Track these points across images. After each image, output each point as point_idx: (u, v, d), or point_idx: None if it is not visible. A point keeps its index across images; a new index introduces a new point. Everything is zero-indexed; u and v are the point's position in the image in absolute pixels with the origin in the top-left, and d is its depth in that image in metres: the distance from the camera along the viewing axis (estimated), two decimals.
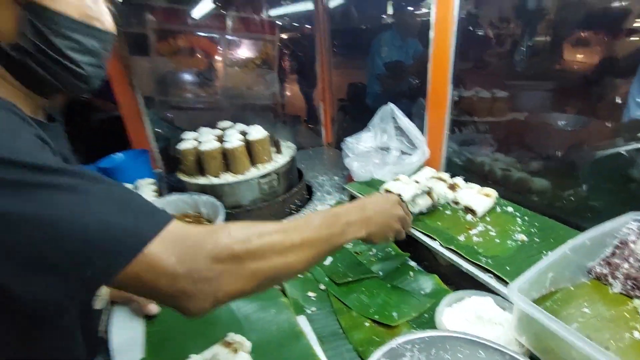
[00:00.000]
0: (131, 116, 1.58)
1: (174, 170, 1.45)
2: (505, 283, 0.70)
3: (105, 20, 0.54)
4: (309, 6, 2.50)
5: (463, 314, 0.68)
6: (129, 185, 1.33)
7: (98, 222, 0.38)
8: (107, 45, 0.55)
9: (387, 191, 1.12)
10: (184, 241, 0.43)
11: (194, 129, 1.42)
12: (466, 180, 1.09)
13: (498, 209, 0.97)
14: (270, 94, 3.36)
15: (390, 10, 3.76)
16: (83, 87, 0.55)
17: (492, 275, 0.73)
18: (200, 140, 1.22)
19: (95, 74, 0.54)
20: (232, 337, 0.70)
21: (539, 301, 0.62)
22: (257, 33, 3.29)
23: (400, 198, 0.79)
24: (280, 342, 0.72)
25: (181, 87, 3.14)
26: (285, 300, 0.82)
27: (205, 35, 3.31)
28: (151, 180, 1.39)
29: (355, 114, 3.55)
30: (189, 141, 1.22)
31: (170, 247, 0.41)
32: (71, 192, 0.38)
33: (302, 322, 0.77)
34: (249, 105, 3.16)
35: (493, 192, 0.97)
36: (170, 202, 1.10)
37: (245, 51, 3.84)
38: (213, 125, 1.45)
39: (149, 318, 0.78)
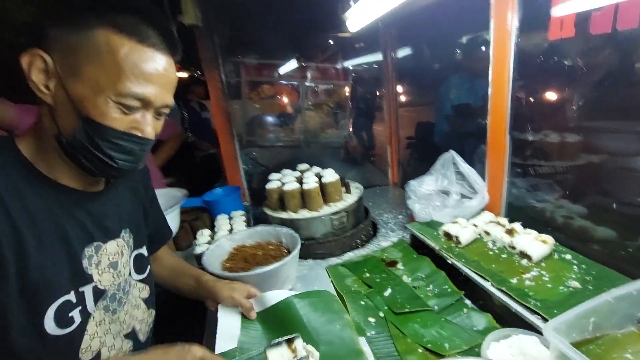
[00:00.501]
0: (228, 156, 1.93)
1: (258, 204, 1.73)
2: None
3: (146, 129, 0.66)
4: (378, 57, 2.74)
5: (508, 349, 0.75)
6: (223, 216, 1.63)
7: None
8: (144, 147, 0.68)
9: (446, 232, 1.22)
10: None
11: (274, 166, 1.70)
12: (525, 225, 1.14)
13: (555, 256, 1.01)
14: (342, 135, 3.64)
15: (459, 53, 3.85)
16: (114, 174, 0.70)
17: (539, 317, 0.79)
18: (283, 181, 1.48)
19: (127, 166, 0.68)
20: (304, 345, 0.87)
21: (580, 344, 0.67)
22: (332, 79, 3.66)
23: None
24: (343, 357, 0.86)
25: (264, 128, 3.59)
26: (349, 318, 0.97)
27: (287, 83, 3.79)
28: (242, 212, 1.68)
29: (423, 152, 3.62)
30: (274, 182, 1.49)
31: None
32: None
33: (362, 342, 0.91)
34: (323, 145, 3.46)
35: (550, 239, 1.01)
36: (258, 232, 1.34)
37: (320, 96, 4.25)
38: (292, 164, 1.71)
39: (245, 321, 0.99)
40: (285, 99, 3.79)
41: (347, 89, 3.69)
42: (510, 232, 1.10)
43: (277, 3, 2.14)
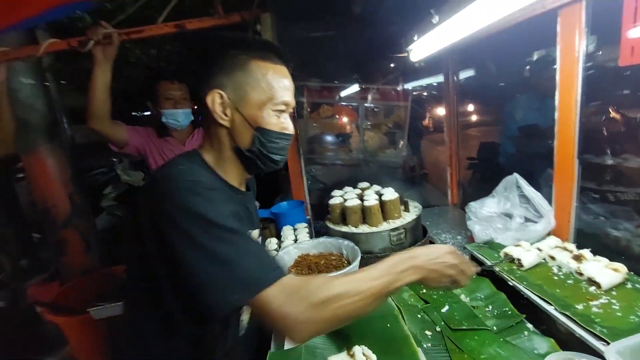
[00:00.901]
0: (294, 172, 2.10)
1: (318, 218, 1.85)
2: None
3: (290, 127, 0.90)
4: (439, 79, 2.76)
5: None
6: (288, 227, 1.78)
7: (243, 267, 0.70)
8: (289, 142, 0.91)
9: (506, 254, 1.21)
10: (291, 289, 0.70)
11: (332, 184, 1.81)
12: (595, 253, 1.09)
13: (629, 285, 0.96)
14: (400, 155, 3.67)
15: (528, 71, 3.70)
16: (274, 167, 0.92)
17: (605, 344, 0.78)
18: (345, 197, 1.59)
19: (282, 160, 0.92)
20: (363, 350, 0.94)
21: None
22: (392, 101, 3.74)
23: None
24: None
25: (324, 147, 3.76)
26: (408, 332, 1.02)
27: (347, 104, 3.95)
28: (305, 224, 1.82)
29: (486, 173, 3.49)
30: (337, 197, 1.60)
31: (282, 292, 0.69)
32: (233, 244, 0.71)
33: (419, 353, 0.96)
34: (381, 164, 3.53)
35: (623, 268, 0.97)
36: (321, 243, 1.46)
37: (379, 116, 4.36)
38: (350, 182, 1.82)
39: None
40: (344, 119, 3.95)
41: (406, 108, 3.73)
42: (577, 258, 1.08)
43: (343, 34, 2.31)
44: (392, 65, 3.54)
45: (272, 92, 0.84)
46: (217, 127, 0.86)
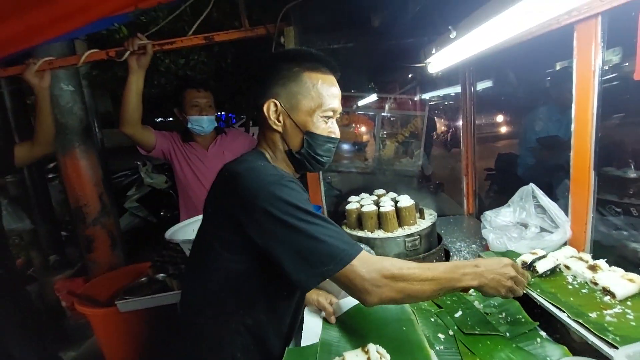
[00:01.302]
0: (313, 177, 2.16)
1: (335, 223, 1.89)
2: None
3: (336, 131, 1.00)
4: (457, 89, 2.78)
5: None
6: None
7: (331, 243, 0.80)
8: (335, 145, 1.01)
9: (523, 262, 1.23)
10: (369, 262, 0.81)
11: (348, 191, 1.85)
12: (610, 264, 1.10)
13: None
14: (416, 164, 3.68)
15: (549, 82, 3.67)
16: (321, 168, 1.03)
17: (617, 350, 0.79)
18: (362, 203, 1.63)
19: (328, 162, 1.02)
20: (377, 348, 0.98)
21: None
22: (408, 110, 3.77)
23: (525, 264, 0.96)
24: None
25: (339, 154, 3.82)
26: (422, 335, 1.05)
27: (363, 113, 4.01)
28: None
29: (504, 184, 3.46)
30: (354, 203, 1.65)
31: (363, 264, 0.80)
32: (320, 225, 0.81)
33: (432, 354, 0.99)
34: (397, 173, 3.55)
35: (638, 278, 0.98)
36: None
37: (396, 125, 4.38)
38: (365, 190, 1.86)
39: (326, 322, 1.15)
40: (361, 128, 4.01)
41: (422, 118, 3.75)
42: (593, 268, 1.09)
43: (362, 45, 2.37)
44: (409, 75, 3.58)
45: (320, 100, 0.94)
46: (272, 131, 0.97)
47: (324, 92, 0.94)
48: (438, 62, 1.53)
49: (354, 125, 3.99)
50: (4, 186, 3.05)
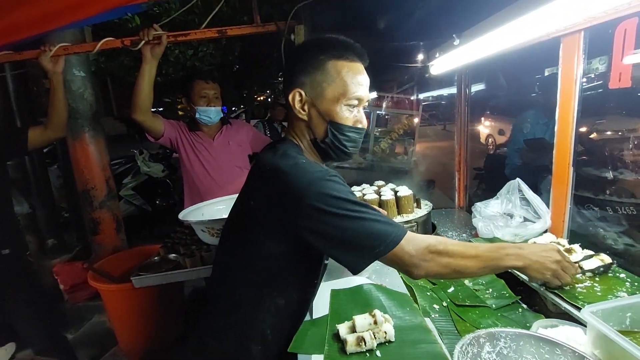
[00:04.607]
0: None
1: None
2: None
3: (363, 121, 0.99)
4: (452, 90, 2.92)
5: (553, 336, 0.92)
6: None
7: (379, 228, 0.85)
8: (362, 135, 1.00)
9: None
10: (415, 241, 0.87)
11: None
12: (584, 248, 1.26)
13: (610, 274, 1.13)
14: (410, 160, 3.83)
15: (537, 87, 3.86)
16: (346, 158, 1.04)
17: None
18: (364, 192, 1.76)
19: (354, 152, 1.01)
20: (381, 314, 1.11)
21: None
22: (404, 109, 3.91)
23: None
24: (413, 328, 1.09)
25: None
26: (417, 306, 1.19)
27: None
28: None
29: (492, 183, 3.64)
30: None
31: (409, 243, 0.86)
32: (367, 213, 0.86)
33: (428, 322, 1.13)
34: (391, 169, 3.69)
35: (607, 258, 1.14)
36: None
37: (391, 123, 4.51)
38: (359, 185, 1.97)
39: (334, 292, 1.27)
40: None
41: (416, 116, 3.90)
42: (569, 250, 1.24)
43: (366, 46, 2.48)
44: (406, 77, 3.72)
45: (345, 88, 0.92)
46: (298, 120, 0.98)
47: (349, 80, 0.92)
48: (440, 65, 1.67)
49: None
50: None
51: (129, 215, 4.73)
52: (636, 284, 1.06)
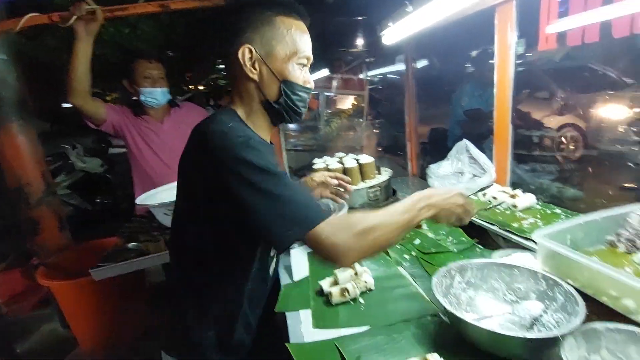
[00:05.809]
0: (278, 147, 2.27)
1: None
2: None
3: (311, 81, 0.96)
4: (401, 67, 3.05)
5: (510, 262, 1.06)
6: None
7: (297, 206, 0.77)
8: (310, 95, 0.97)
9: None
10: (337, 225, 0.78)
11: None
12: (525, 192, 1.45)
13: (548, 211, 1.32)
14: (360, 137, 3.96)
15: (470, 64, 4.19)
16: (298, 119, 0.97)
17: (534, 243, 1.10)
18: (327, 163, 1.81)
19: (304, 112, 0.97)
20: (359, 268, 1.18)
21: None
22: (352, 89, 4.02)
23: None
24: (389, 277, 1.18)
25: (287, 133, 3.94)
26: (390, 258, 1.28)
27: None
28: None
29: (436, 155, 3.93)
30: (319, 163, 1.83)
31: (330, 228, 0.76)
32: (287, 187, 0.78)
33: (400, 269, 1.23)
34: (342, 148, 3.79)
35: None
36: None
37: (339, 104, 4.60)
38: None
39: (311, 255, 1.31)
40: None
41: (363, 96, 4.03)
42: (512, 196, 1.42)
43: (312, 21, 2.50)
44: (353, 56, 3.81)
45: (295, 46, 0.89)
46: (247, 81, 0.91)
47: (297, 38, 0.89)
48: (393, 34, 1.75)
49: None
50: None
51: (66, 216, 4.30)
52: (568, 215, 1.26)
